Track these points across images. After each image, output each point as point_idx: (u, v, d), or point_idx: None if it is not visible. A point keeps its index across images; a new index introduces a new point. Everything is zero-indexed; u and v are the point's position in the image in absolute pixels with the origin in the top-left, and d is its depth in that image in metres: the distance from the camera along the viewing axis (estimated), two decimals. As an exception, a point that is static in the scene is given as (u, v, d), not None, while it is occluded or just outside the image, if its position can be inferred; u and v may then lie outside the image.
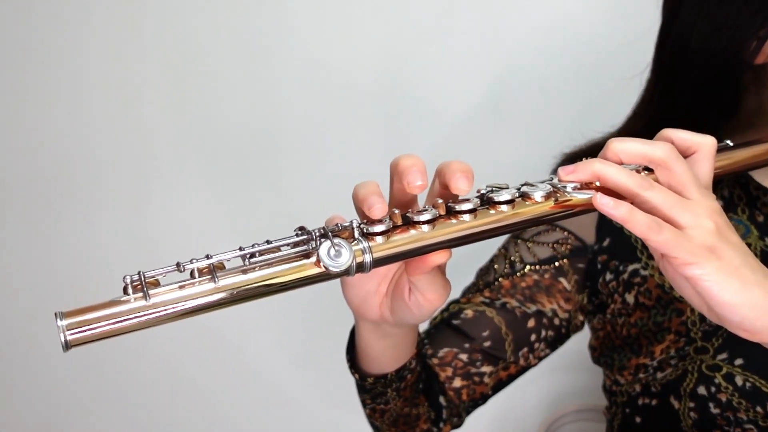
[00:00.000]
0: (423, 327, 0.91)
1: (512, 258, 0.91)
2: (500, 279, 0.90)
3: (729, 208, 0.86)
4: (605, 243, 0.89)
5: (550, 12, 1.27)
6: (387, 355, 0.77)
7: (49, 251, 1.40)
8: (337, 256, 0.54)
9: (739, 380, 0.79)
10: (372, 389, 0.80)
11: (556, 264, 0.89)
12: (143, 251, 1.39)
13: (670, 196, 0.58)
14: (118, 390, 1.48)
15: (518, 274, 0.90)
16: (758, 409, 0.78)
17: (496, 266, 0.92)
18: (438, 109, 1.32)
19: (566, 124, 1.06)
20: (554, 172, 0.94)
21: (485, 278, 0.92)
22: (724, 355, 0.80)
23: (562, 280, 0.89)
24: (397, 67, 1.31)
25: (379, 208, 0.56)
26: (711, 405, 0.80)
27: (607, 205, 0.56)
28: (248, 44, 1.31)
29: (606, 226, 0.89)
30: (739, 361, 0.79)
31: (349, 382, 0.82)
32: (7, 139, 1.35)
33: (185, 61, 1.32)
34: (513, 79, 1.29)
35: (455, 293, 0.92)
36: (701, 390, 0.81)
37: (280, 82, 1.33)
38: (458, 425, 0.91)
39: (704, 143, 0.63)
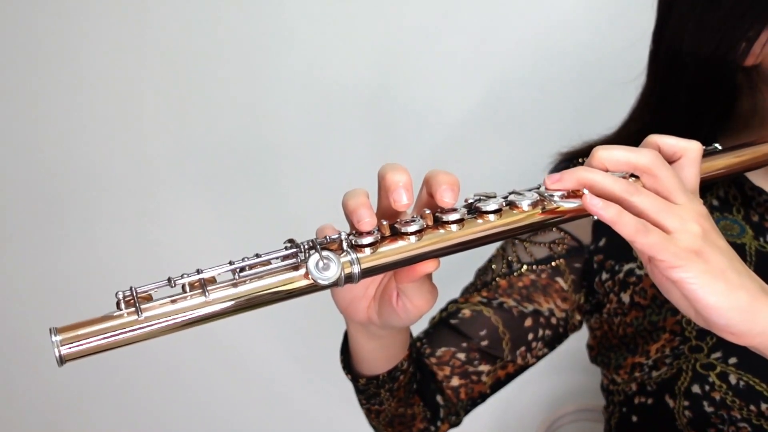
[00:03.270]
0: (422, 327, 0.92)
1: (509, 258, 0.92)
2: (497, 279, 0.91)
3: (724, 208, 0.86)
4: (601, 243, 0.89)
5: (547, 16, 1.26)
6: (377, 355, 0.77)
7: (49, 258, 1.41)
8: (326, 268, 0.55)
9: (732, 379, 0.79)
10: (365, 390, 0.81)
11: (553, 264, 0.90)
12: (142, 260, 1.40)
13: (657, 200, 0.59)
14: (117, 390, 1.49)
15: (515, 273, 0.90)
16: (752, 407, 0.78)
17: (493, 266, 0.92)
18: (435, 113, 1.32)
19: (563, 127, 1.06)
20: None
21: (483, 278, 0.93)
22: (718, 354, 0.81)
23: (558, 279, 0.90)
24: (394, 71, 1.30)
25: (367, 222, 0.57)
26: (705, 403, 0.81)
27: (596, 205, 0.57)
28: (242, 56, 1.31)
29: (602, 226, 0.89)
30: (732, 360, 0.80)
31: (348, 382, 0.83)
32: (9, 150, 1.36)
33: (179, 74, 1.32)
34: (510, 82, 1.29)
35: (454, 293, 0.93)
36: (695, 389, 0.81)
37: (276, 89, 1.33)
38: (456, 424, 0.92)
39: (690, 148, 0.64)
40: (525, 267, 0.90)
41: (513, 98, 1.30)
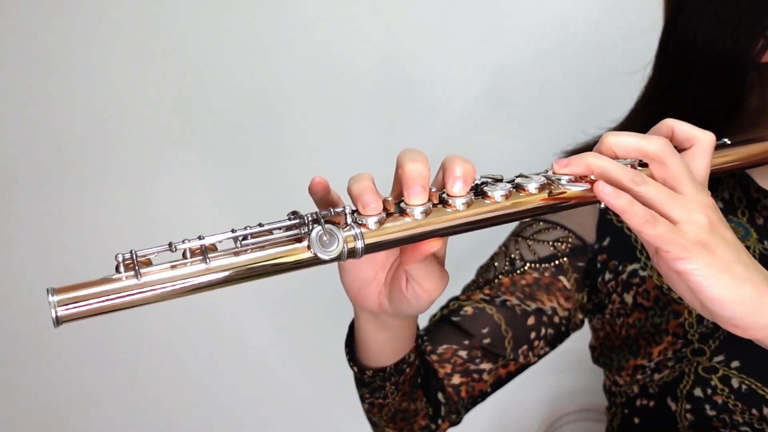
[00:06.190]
0: (422, 324, 0.92)
1: (512, 256, 0.91)
2: (500, 276, 0.90)
3: (729, 210, 0.86)
4: (605, 242, 0.89)
5: (552, 7, 1.26)
6: (386, 347, 0.76)
7: (50, 221, 1.40)
8: (329, 241, 0.55)
9: (735, 383, 0.78)
10: (371, 383, 0.80)
11: (557, 262, 0.89)
12: (142, 233, 1.39)
13: (663, 191, 0.58)
14: (118, 383, 1.48)
15: (518, 271, 0.90)
16: (754, 411, 0.78)
17: (496, 264, 0.92)
18: (439, 105, 1.32)
19: (567, 121, 1.06)
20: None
21: (485, 276, 0.92)
22: (720, 358, 0.80)
23: (562, 278, 0.89)
24: (399, 61, 1.31)
25: (373, 207, 0.56)
26: (707, 407, 0.80)
27: (607, 193, 0.56)
28: (250, 35, 1.31)
29: (606, 225, 0.89)
30: (735, 364, 0.79)
31: (349, 378, 0.82)
32: (10, 114, 1.35)
33: (186, 49, 1.32)
34: (514, 75, 1.29)
35: (455, 290, 0.93)
36: (697, 392, 0.80)
37: (280, 76, 1.33)
38: (457, 422, 0.91)
39: (702, 138, 0.64)
40: (528, 265, 0.90)
41: (517, 92, 1.30)
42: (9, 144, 1.36)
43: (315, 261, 0.55)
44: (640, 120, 0.87)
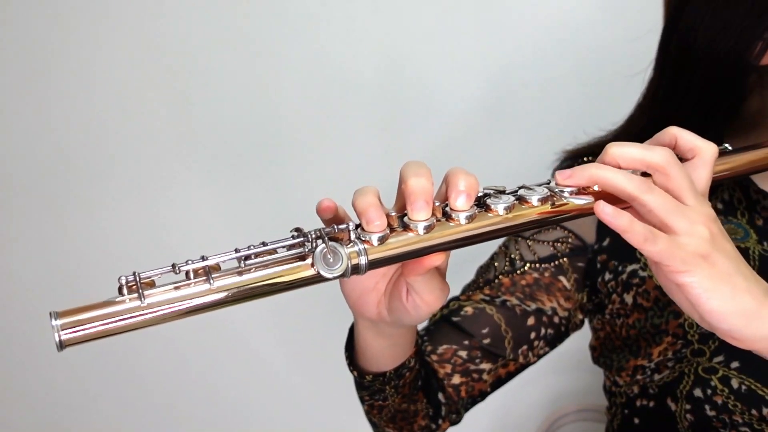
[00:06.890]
0: (423, 324, 0.92)
1: (512, 256, 0.91)
2: (500, 276, 0.90)
3: (729, 211, 0.86)
4: (605, 243, 0.89)
5: (552, 9, 1.26)
6: (386, 353, 0.77)
7: (52, 242, 1.40)
8: (333, 258, 0.55)
9: (734, 383, 0.79)
10: (370, 386, 0.80)
11: (556, 262, 0.89)
12: (144, 250, 1.38)
13: (668, 200, 0.58)
14: (119, 383, 1.48)
15: (518, 271, 0.90)
16: (753, 411, 0.78)
17: (496, 264, 0.92)
18: (439, 108, 1.32)
19: (567, 123, 1.06)
20: (554, 172, 0.94)
21: (485, 276, 0.92)
22: (720, 358, 0.80)
23: (561, 278, 0.89)
24: (398, 66, 1.30)
25: (377, 224, 0.56)
26: (707, 407, 0.80)
27: (608, 213, 0.56)
28: (249, 43, 1.31)
29: (606, 225, 0.89)
30: (735, 364, 0.79)
31: (350, 378, 0.82)
32: (12, 135, 1.35)
33: (186, 61, 1.32)
34: (514, 77, 1.29)
35: (455, 291, 0.92)
36: (697, 392, 0.81)
37: (280, 80, 1.32)
38: (457, 422, 0.91)
39: (705, 149, 0.63)
40: (528, 265, 0.90)
41: (517, 94, 1.30)
42: (12, 160, 1.36)
43: (319, 279, 0.55)
44: (641, 122, 0.86)
